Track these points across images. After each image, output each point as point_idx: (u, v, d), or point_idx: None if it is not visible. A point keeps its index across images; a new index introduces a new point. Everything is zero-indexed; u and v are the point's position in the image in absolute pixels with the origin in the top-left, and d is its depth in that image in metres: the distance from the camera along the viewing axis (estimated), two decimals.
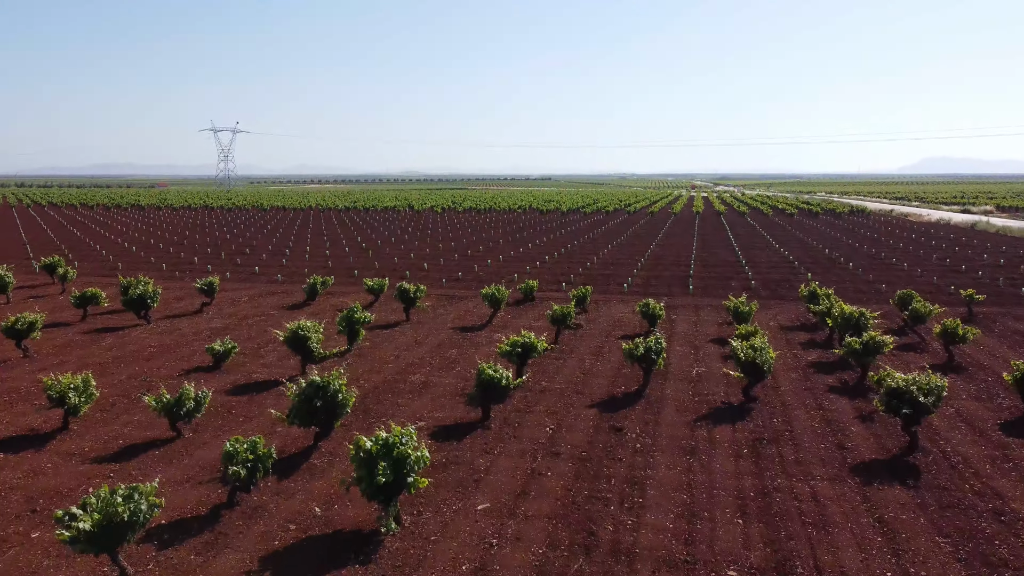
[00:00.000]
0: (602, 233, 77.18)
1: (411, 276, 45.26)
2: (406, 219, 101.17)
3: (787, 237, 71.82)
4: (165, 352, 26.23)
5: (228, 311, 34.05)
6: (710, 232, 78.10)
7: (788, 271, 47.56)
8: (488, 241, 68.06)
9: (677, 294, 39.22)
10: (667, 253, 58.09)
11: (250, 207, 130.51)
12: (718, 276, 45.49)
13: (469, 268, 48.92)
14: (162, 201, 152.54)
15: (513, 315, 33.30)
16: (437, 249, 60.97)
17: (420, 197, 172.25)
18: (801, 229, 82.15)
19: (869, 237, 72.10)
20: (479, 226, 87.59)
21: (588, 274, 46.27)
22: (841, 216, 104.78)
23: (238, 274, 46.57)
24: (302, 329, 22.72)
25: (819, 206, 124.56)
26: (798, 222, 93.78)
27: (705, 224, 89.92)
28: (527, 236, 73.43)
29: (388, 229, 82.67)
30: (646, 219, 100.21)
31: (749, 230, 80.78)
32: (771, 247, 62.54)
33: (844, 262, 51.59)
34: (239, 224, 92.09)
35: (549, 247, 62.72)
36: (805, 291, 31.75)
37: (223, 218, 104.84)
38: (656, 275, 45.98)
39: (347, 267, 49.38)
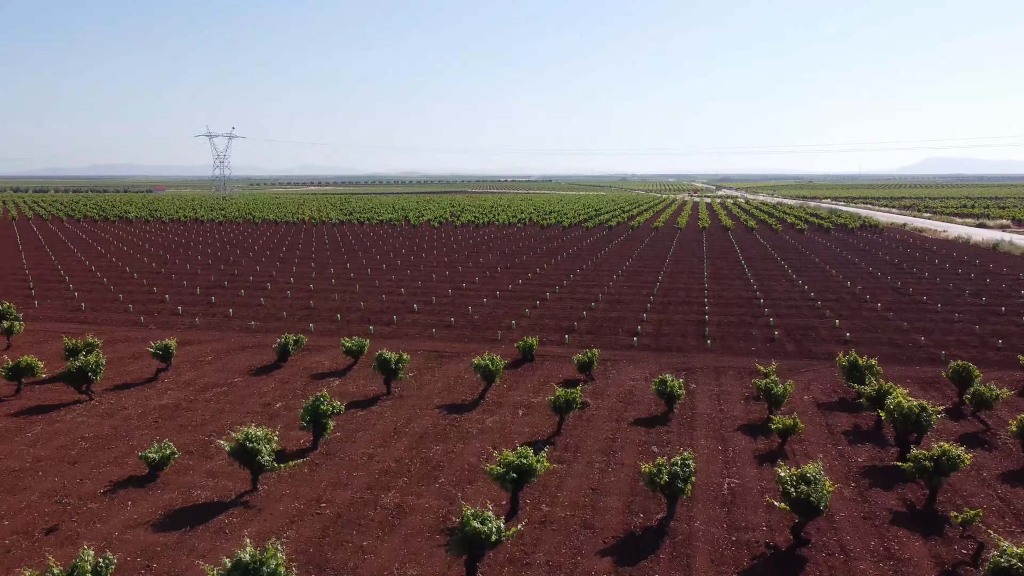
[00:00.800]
0: (606, 257, 73.16)
1: (399, 321, 41.24)
2: (401, 236, 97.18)
3: (802, 262, 67.77)
4: (98, 449, 22.21)
5: (187, 377, 30.03)
6: (719, 255, 74.07)
7: (811, 313, 43.51)
8: (484, 269, 64.06)
9: (692, 348, 35.19)
10: (677, 286, 54.06)
11: (241, 221, 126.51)
12: (736, 320, 41.44)
13: (462, 308, 44.91)
14: (151, 213, 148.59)
15: (510, 383, 29.29)
16: (430, 281, 56.98)
17: (418, 207, 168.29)
18: (814, 250, 78.12)
19: (888, 261, 68.05)
20: (476, 246, 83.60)
21: (593, 317, 42.26)
22: (853, 233, 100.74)
23: (210, 318, 42.55)
24: (251, 440, 18.74)
25: (828, 219, 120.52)
26: (810, 240, 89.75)
27: (713, 244, 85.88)
28: (527, 261, 69.42)
29: (380, 251, 78.69)
30: (651, 236, 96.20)
31: (760, 252, 76.75)
32: (787, 277, 58.51)
33: (870, 300, 47.55)
34: (225, 244, 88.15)
35: (550, 276, 58.72)
36: (844, 361, 27.71)
37: (210, 235, 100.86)
38: (667, 319, 41.94)
39: (330, 308, 45.36)
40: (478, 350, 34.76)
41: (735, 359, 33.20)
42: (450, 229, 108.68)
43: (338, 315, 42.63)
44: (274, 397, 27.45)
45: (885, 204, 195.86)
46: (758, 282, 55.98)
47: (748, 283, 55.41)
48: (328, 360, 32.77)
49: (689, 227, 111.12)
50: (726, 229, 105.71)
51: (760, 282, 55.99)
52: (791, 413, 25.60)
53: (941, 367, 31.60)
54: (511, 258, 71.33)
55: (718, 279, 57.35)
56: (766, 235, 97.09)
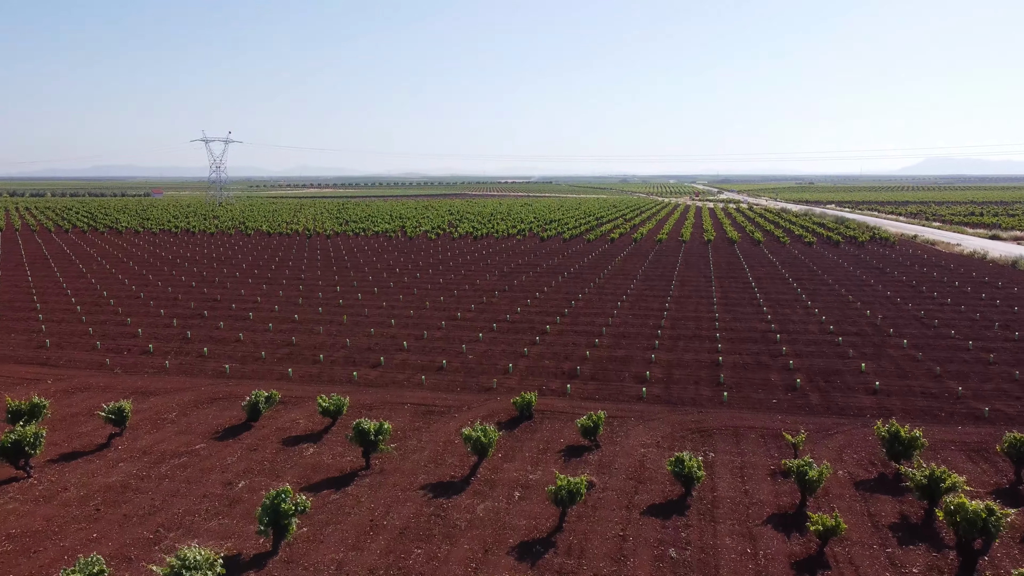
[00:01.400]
0: (609, 277, 69.93)
1: (386, 363, 38.00)
2: (396, 250, 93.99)
3: (815, 284, 64.53)
4: (21, 555, 19.00)
5: (144, 442, 26.80)
6: (727, 274, 70.84)
7: (832, 352, 40.25)
8: (481, 292, 60.86)
9: (707, 400, 31.94)
10: (685, 314, 50.82)
11: (233, 231, 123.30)
12: (752, 361, 38.19)
13: (456, 345, 41.69)
14: (143, 222, 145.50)
15: (506, 450, 26.07)
16: (422, 308, 53.78)
17: (415, 215, 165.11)
18: (826, 268, 74.87)
19: (905, 283, 64.80)
20: (473, 263, 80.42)
21: (597, 356, 39.02)
22: (864, 247, 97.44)
23: (183, 358, 39.31)
24: (189, 567, 15.52)
25: (837, 231, 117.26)
26: (820, 256, 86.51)
27: (720, 260, 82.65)
28: (526, 282, 66.21)
29: (374, 270, 75.52)
30: (654, 251, 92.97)
31: (770, 270, 73.50)
32: (801, 302, 55.29)
33: (894, 335, 44.29)
34: (213, 260, 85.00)
35: (550, 302, 55.50)
36: (883, 431, 24.49)
37: (199, 249, 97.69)
38: (677, 359, 38.69)
39: (313, 345, 42.12)
40: (471, 402, 31.57)
41: (755, 416, 29.96)
42: (447, 242, 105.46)
43: (321, 355, 39.38)
44: (238, 472, 24.23)
45: (891, 211, 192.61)
46: (771, 309, 52.78)
47: (760, 310, 52.19)
48: (304, 418, 29.54)
49: (694, 239, 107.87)
50: (732, 242, 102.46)
51: (773, 309, 52.79)
52: (826, 494, 22.42)
53: (986, 427, 28.39)
54: (510, 278, 68.11)
55: (728, 305, 54.12)
56: (774, 249, 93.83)
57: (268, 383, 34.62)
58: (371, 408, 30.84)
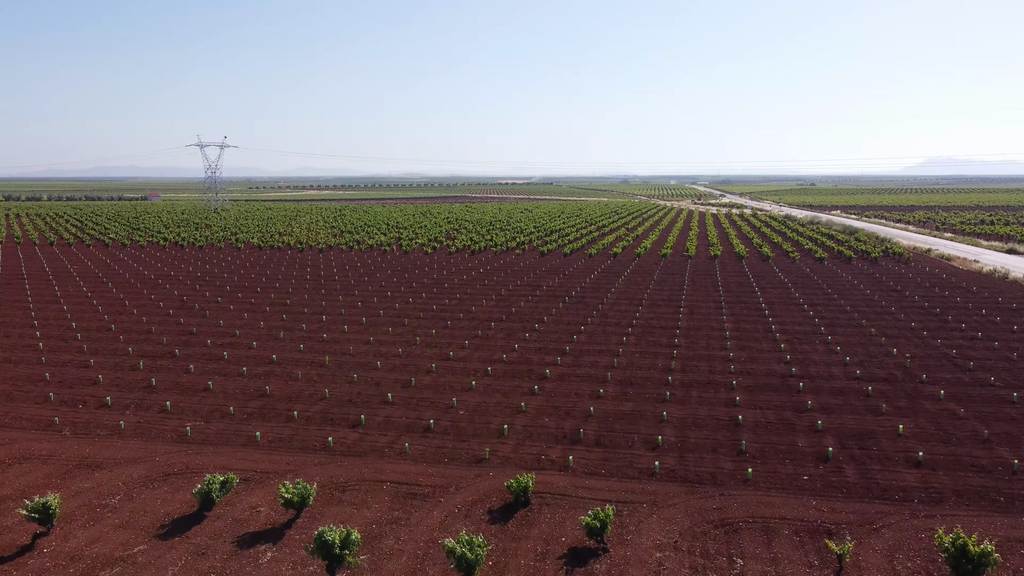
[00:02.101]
0: (613, 302, 66.03)
1: (367, 421, 34.09)
2: (390, 267, 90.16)
3: (832, 312, 60.58)
4: None
5: (75, 543, 22.92)
6: (738, 298, 66.92)
7: (862, 405, 36.32)
8: (477, 323, 57.05)
9: (727, 475, 28.02)
10: (697, 353, 46.90)
11: (223, 245, 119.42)
12: (775, 419, 34.27)
13: (447, 395, 37.81)
14: (132, 233, 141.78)
15: (497, 559, 22.17)
16: (412, 345, 49.94)
17: (413, 224, 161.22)
18: (841, 291, 70.95)
19: (928, 310, 60.86)
20: (470, 284, 76.62)
21: (602, 413, 35.13)
22: (877, 263, 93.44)
23: (143, 413, 35.42)
24: None
25: (847, 244, 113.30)
26: (832, 275, 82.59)
27: (729, 280, 78.73)
28: (525, 309, 62.36)
29: (364, 293, 71.74)
30: (659, 269, 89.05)
31: (782, 294, 69.56)
32: (820, 336, 51.37)
33: (927, 382, 40.35)
34: (196, 281, 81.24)
35: (551, 335, 51.63)
36: (947, 543, 20.61)
37: (184, 266, 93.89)
38: (692, 415, 34.80)
39: (289, 395, 38.21)
40: (460, 480, 27.70)
41: (786, 500, 26.04)
42: (443, 257, 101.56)
43: (295, 411, 35.48)
44: None
45: (899, 218, 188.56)
46: (788, 345, 48.90)
47: (777, 346, 48.31)
48: (266, 505, 25.65)
49: (699, 254, 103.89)
50: (739, 258, 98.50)
51: (791, 344, 48.92)
52: None
53: None
54: (507, 304, 64.23)
55: (742, 340, 50.23)
56: (784, 267, 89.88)
57: (232, 450, 30.77)
58: (344, 489, 26.95)
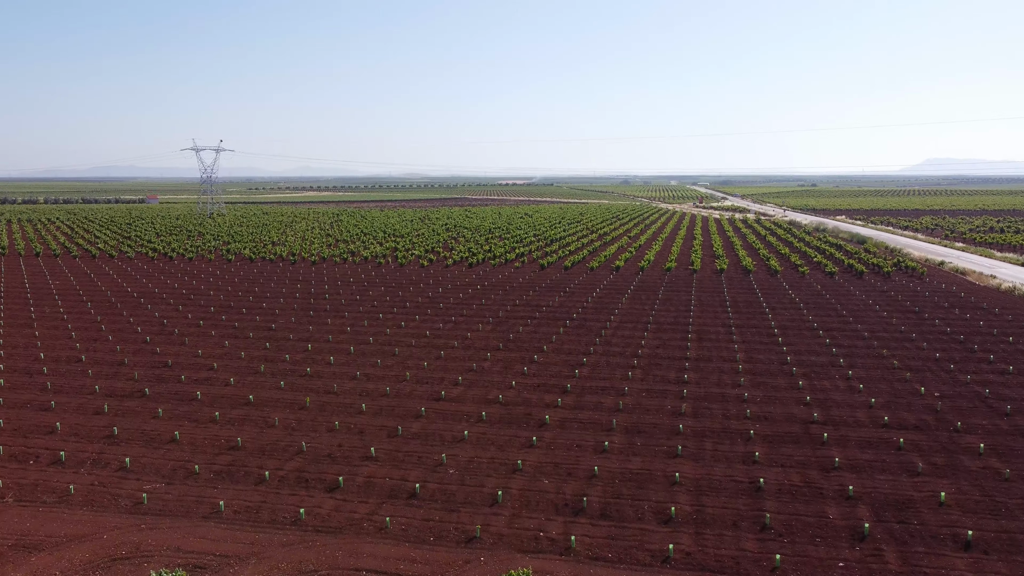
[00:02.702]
0: (616, 327, 62.61)
1: (346, 484, 30.62)
2: (383, 283, 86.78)
3: (850, 339, 57.13)
4: None
5: None
6: (748, 322, 63.50)
7: (897, 464, 32.85)
8: (471, 352, 53.68)
9: (753, 563, 24.53)
10: (709, 391, 43.48)
11: (213, 256, 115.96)
12: (800, 481, 30.84)
13: (436, 450, 34.37)
14: (123, 241, 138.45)
15: None
16: (401, 381, 46.51)
17: (410, 230, 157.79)
18: (856, 312, 67.52)
19: (952, 337, 57.41)
20: (465, 304, 73.23)
21: (607, 472, 31.70)
22: (890, 279, 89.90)
23: (97, 473, 31.94)
24: None
25: (857, 256, 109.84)
26: (844, 292, 79.15)
27: (737, 299, 75.29)
28: (523, 336, 58.97)
29: (354, 315, 68.36)
30: (664, 286, 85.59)
31: (795, 316, 66.09)
32: (840, 370, 47.95)
33: (963, 431, 36.90)
34: (180, 300, 77.86)
35: (550, 367, 48.22)
36: None
37: (171, 281, 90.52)
38: (707, 477, 31.34)
39: (261, 448, 34.76)
40: (447, 567, 24.25)
41: None
42: (440, 270, 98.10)
43: (267, 471, 32.03)
44: None
45: (905, 225, 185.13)
46: (806, 380, 45.50)
47: (794, 382, 44.90)
48: None
49: (705, 268, 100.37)
50: (747, 272, 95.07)
51: (809, 380, 45.52)
52: None
53: None
54: (505, 329, 60.80)
55: (756, 375, 46.82)
56: (793, 282, 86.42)
57: (191, 525, 27.32)
58: None
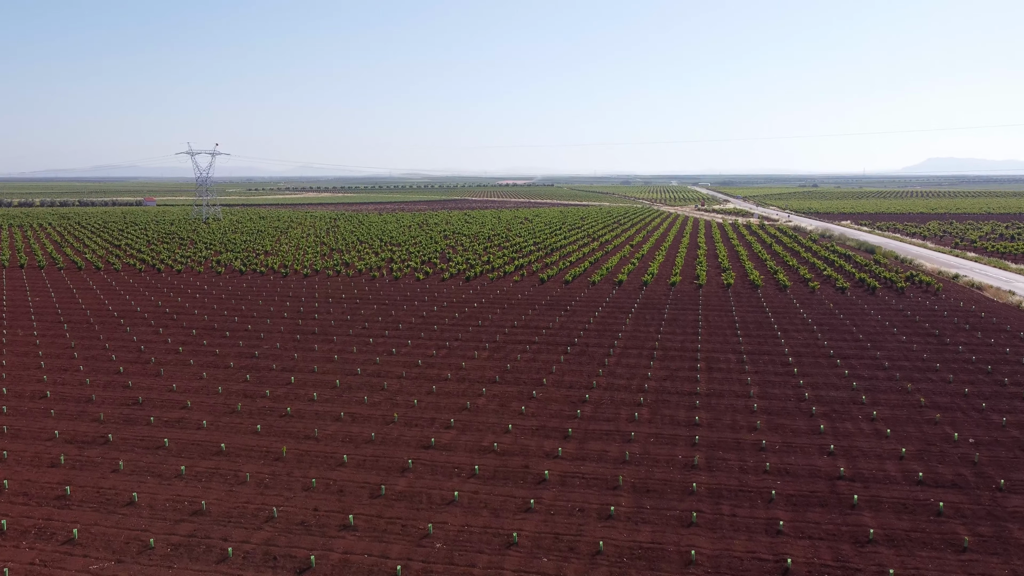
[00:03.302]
0: (619, 355, 59.03)
1: (317, 565, 27.00)
2: (376, 301, 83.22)
3: (870, 370, 53.53)
4: None
5: None
6: (760, 349, 59.91)
7: (939, 535, 29.19)
8: (464, 389, 50.10)
9: None
10: (723, 437, 39.90)
11: (202, 268, 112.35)
12: (832, 559, 27.24)
13: (420, 519, 30.79)
14: (110, 251, 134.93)
15: None
16: (388, 424, 42.93)
17: (407, 238, 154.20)
18: (873, 337, 63.90)
19: (978, 366, 53.77)
20: (460, 328, 69.67)
21: (612, 550, 28.12)
22: (904, 295, 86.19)
23: (41, 545, 28.29)
24: None
25: (867, 268, 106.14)
26: (858, 312, 75.51)
27: (747, 320, 71.66)
28: (520, 366, 55.39)
29: (343, 339, 64.77)
30: (669, 304, 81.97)
31: (808, 340, 62.44)
32: (863, 410, 44.36)
33: (1006, 488, 33.29)
34: (161, 322, 74.29)
35: (549, 409, 44.65)
36: None
37: (154, 299, 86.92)
38: (726, 555, 27.74)
39: (228, 514, 31.12)
40: None
41: None
42: (435, 285, 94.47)
43: (230, 547, 28.41)
44: None
45: (913, 231, 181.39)
46: (827, 422, 42.00)
47: (814, 424, 41.39)
48: None
49: (711, 281, 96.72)
50: (755, 286, 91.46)
51: (831, 423, 41.99)
52: None
53: None
54: (502, 356, 57.21)
55: (773, 413, 43.36)
56: (804, 299, 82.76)
57: None
58: None
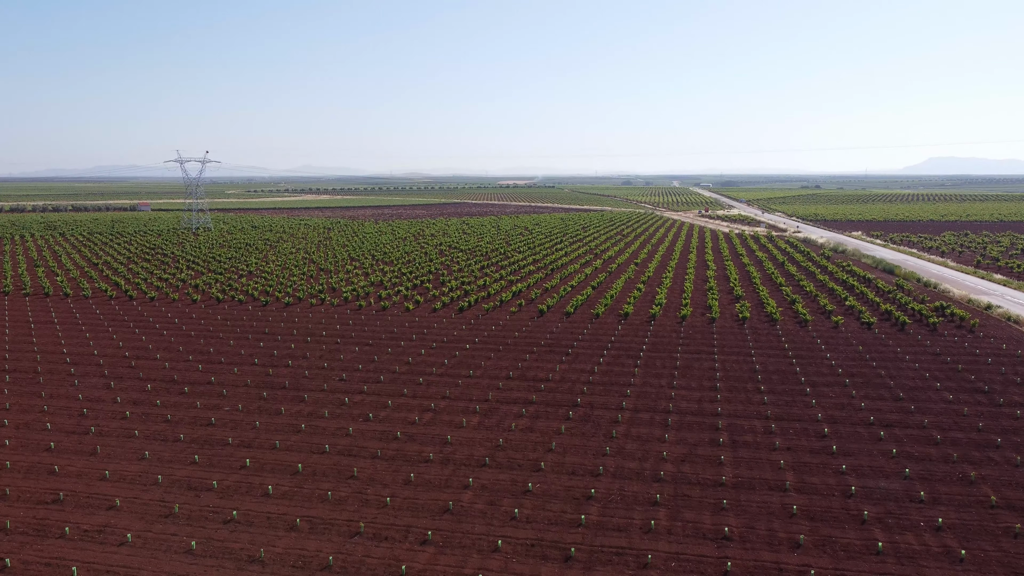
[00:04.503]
0: (629, 420, 51.82)
1: None
2: (358, 341, 76.02)
3: (922, 445, 46.31)
4: None
5: None
6: (788, 413, 52.77)
7: None
8: (446, 482, 42.82)
9: None
10: (760, 562, 32.62)
11: (178, 296, 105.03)
12: None
13: None
14: (82, 276, 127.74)
15: None
16: (344, 563, 35.66)
17: (402, 252, 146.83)
18: (914, 394, 56.69)
19: None
20: (447, 383, 62.46)
21: None
22: (937, 333, 78.77)
23: None
24: None
25: (891, 295, 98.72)
26: (892, 357, 68.22)
27: (769, 369, 64.42)
28: (515, 442, 48.12)
29: (314, 401, 57.51)
30: (681, 346, 74.67)
31: (843, 402, 55.18)
32: (924, 513, 37.09)
33: None
34: (116, 372, 67.06)
35: (539, 524, 37.36)
36: None
37: (120, 335, 79.68)
38: None
39: None
40: None
41: None
42: (425, 317, 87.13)
43: None
44: None
45: (930, 245, 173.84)
46: (884, 533, 34.75)
47: (870, 540, 34.09)
48: None
49: (724, 313, 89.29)
50: (772, 320, 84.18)
51: (888, 535, 34.78)
52: None
53: None
54: (495, 424, 49.95)
55: (815, 519, 36.06)
56: (828, 338, 75.34)
57: None
58: None
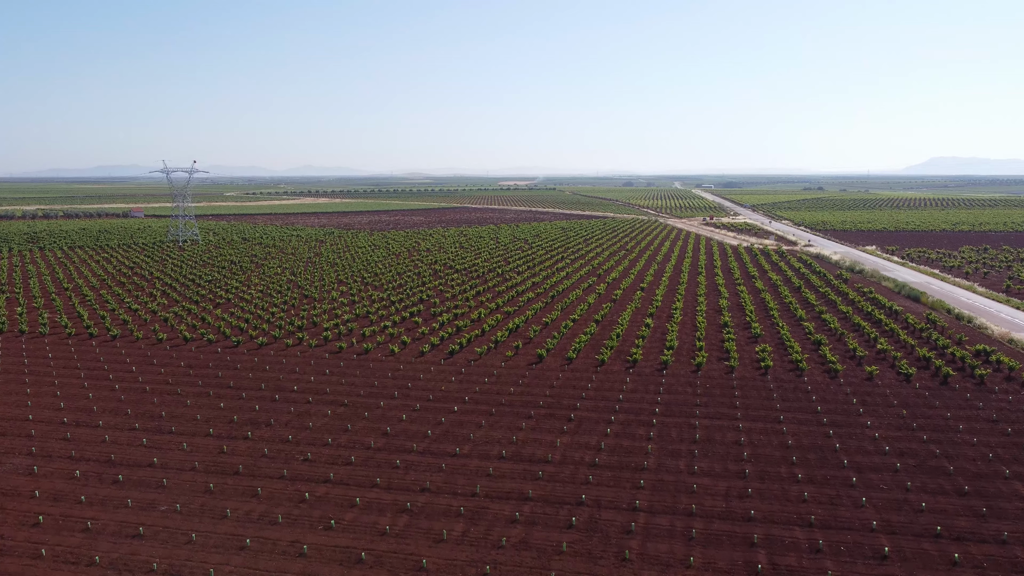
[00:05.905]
0: (644, 525, 42.99)
1: None
2: (329, 401, 67.33)
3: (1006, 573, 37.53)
4: None
5: None
6: (830, 499, 43.89)
7: None
8: None
9: None
10: None
11: (141, 335, 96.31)
12: None
13: None
14: (44, 302, 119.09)
15: None
16: None
17: (393, 271, 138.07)
18: (975, 481, 47.90)
19: None
20: (431, 470, 53.76)
21: None
22: (985, 388, 69.93)
23: None
24: None
25: (926, 335, 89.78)
26: (941, 425, 59.45)
27: (803, 442, 55.54)
28: (504, 570, 39.36)
29: (269, 500, 48.74)
30: (701, 409, 65.90)
31: (901, 504, 46.30)
32: None
33: None
34: (45, 448, 58.34)
35: None
36: None
37: (64, 392, 70.99)
38: None
39: None
40: None
41: None
42: (409, 367, 78.30)
43: None
44: None
45: (951, 264, 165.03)
46: None
47: None
48: None
49: (744, 362, 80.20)
50: (799, 371, 75.46)
51: None
52: None
53: None
54: (477, 539, 41.11)
55: None
56: (864, 396, 66.47)
57: None
58: None
